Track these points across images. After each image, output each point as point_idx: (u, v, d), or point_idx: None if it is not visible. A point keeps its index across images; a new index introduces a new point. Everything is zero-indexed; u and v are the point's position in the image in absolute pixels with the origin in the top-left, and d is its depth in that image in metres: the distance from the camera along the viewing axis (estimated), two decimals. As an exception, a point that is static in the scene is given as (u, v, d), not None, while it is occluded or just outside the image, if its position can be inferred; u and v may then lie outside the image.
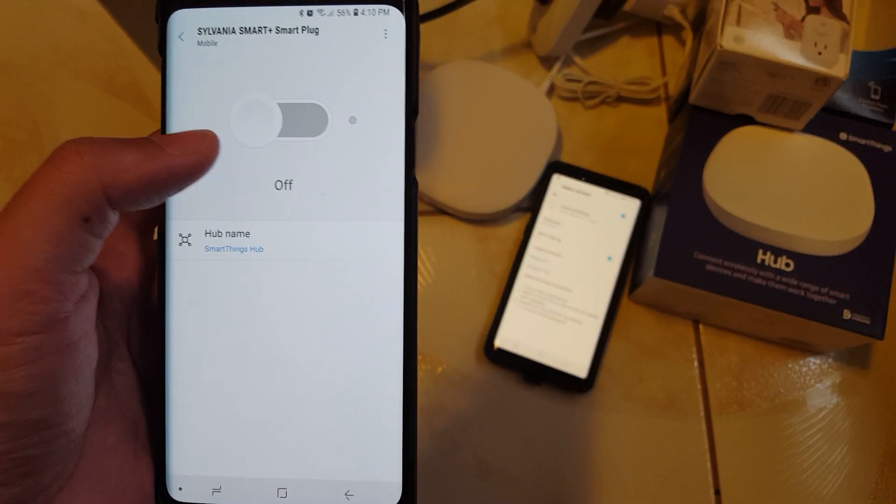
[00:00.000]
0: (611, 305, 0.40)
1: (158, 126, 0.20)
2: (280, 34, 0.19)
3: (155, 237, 0.20)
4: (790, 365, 0.41)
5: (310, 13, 0.19)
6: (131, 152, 0.17)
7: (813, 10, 0.36)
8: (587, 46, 0.47)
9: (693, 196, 0.38)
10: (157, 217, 0.20)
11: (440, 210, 0.44)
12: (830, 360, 0.41)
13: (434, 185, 0.42)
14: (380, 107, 0.19)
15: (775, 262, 0.37)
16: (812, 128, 0.39)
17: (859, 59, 0.41)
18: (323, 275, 0.19)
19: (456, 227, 0.44)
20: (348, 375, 0.19)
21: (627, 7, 0.44)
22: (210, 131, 0.19)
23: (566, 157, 0.45)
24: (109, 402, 0.19)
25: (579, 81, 0.45)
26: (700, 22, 0.42)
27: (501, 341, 0.40)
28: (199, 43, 0.19)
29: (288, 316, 0.19)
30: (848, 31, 0.35)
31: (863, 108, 0.40)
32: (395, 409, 0.19)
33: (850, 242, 0.37)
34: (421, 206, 0.44)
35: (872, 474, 0.39)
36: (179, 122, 0.19)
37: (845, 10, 0.36)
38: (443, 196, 0.42)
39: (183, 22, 0.19)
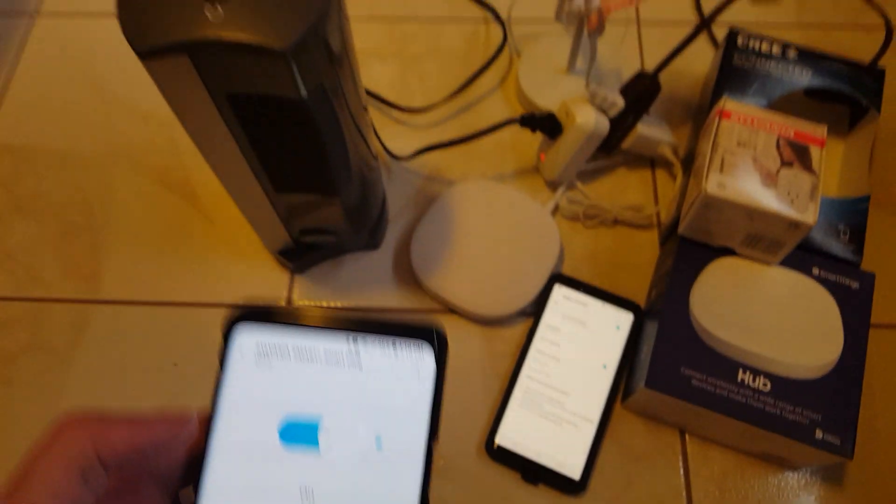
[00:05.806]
0: (605, 411, 0.44)
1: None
2: (328, 364, 0.22)
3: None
4: (770, 479, 0.44)
5: (355, 339, 0.22)
6: (124, 427, 0.21)
7: (787, 164, 0.41)
8: (589, 175, 0.53)
9: (681, 316, 0.42)
10: (178, 476, 0.23)
11: (451, 310, 0.48)
12: (807, 476, 0.44)
13: (447, 287, 0.47)
14: (405, 432, 0.22)
15: (754, 381, 0.40)
16: (788, 262, 0.43)
17: (831, 204, 0.46)
18: None
19: (465, 327, 0.47)
20: None
21: (625, 145, 0.50)
22: (192, 414, 0.22)
23: (567, 270, 0.49)
24: None
25: (581, 204, 0.50)
26: (689, 161, 0.48)
27: (502, 439, 0.43)
28: (257, 357, 0.22)
29: None
30: (816, 184, 0.41)
31: (834, 247, 0.45)
32: None
33: (822, 368, 0.41)
34: (433, 305, 0.48)
35: (848, 592, 0.41)
36: (226, 425, 0.22)
37: (814, 166, 0.41)
38: (454, 298, 0.47)
39: (244, 336, 0.22)
